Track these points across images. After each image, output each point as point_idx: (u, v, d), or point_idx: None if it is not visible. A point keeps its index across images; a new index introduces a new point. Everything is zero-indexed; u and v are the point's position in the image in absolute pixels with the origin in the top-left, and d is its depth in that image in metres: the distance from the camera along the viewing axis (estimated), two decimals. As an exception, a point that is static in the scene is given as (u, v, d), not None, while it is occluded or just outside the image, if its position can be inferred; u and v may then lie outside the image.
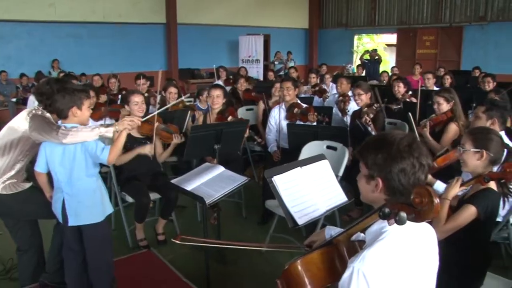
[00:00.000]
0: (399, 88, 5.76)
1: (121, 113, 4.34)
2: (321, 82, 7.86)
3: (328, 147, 3.72)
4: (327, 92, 6.78)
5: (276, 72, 12.00)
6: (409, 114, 3.87)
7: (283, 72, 12.72)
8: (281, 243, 3.52)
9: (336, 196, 2.33)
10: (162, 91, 5.44)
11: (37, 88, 2.85)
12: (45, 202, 2.79)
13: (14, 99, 9.74)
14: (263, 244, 3.27)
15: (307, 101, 5.43)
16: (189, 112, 4.64)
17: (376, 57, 12.56)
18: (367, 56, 12.74)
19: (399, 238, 1.31)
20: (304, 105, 4.61)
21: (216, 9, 13.57)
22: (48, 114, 2.72)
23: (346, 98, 5.28)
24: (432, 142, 3.89)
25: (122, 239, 3.79)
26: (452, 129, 3.90)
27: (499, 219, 2.87)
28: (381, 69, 12.04)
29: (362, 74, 10.98)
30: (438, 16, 13.29)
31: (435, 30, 13.53)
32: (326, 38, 16.48)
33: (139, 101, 3.73)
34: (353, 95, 4.74)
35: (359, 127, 4.37)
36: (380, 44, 18.03)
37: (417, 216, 1.21)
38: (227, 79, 8.76)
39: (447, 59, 13.00)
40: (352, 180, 1.61)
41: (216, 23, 13.70)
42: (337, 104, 5.42)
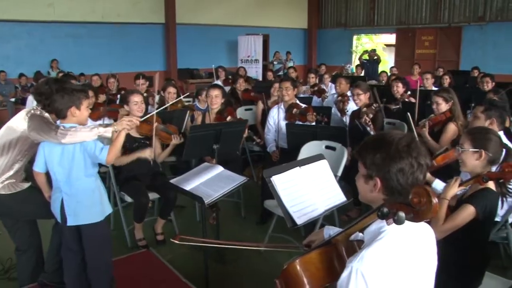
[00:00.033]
0: (398, 88, 5.78)
1: (120, 113, 4.34)
2: (320, 82, 7.87)
3: (327, 147, 3.72)
4: (326, 92, 6.79)
5: (275, 72, 11.99)
6: (408, 114, 3.87)
7: (282, 72, 12.73)
8: (280, 243, 3.53)
9: (335, 196, 2.32)
10: (161, 91, 5.44)
11: (36, 88, 2.85)
12: (44, 202, 2.79)
13: (13, 99, 9.73)
14: (262, 244, 3.26)
15: (306, 101, 5.43)
16: (188, 112, 4.64)
17: (375, 57, 12.58)
18: (366, 56, 12.77)
19: (398, 238, 1.31)
20: (303, 105, 4.61)
21: (215, 9, 13.57)
22: (47, 114, 2.71)
23: (345, 98, 5.27)
24: (431, 142, 3.89)
25: (121, 239, 3.79)
26: (451, 129, 3.90)
27: (498, 219, 2.87)
28: (380, 69, 12.07)
29: (361, 74, 11.01)
30: (437, 16, 13.30)
31: (434, 30, 13.54)
32: (325, 38, 16.48)
33: (139, 101, 3.73)
34: (352, 95, 4.74)
35: (358, 127, 4.37)
36: (379, 44, 18.07)
37: (416, 216, 1.21)
38: (226, 79, 8.75)
39: (446, 59, 13.01)
40: (351, 180, 1.61)
41: (215, 23, 13.69)
42: (336, 104, 5.42)
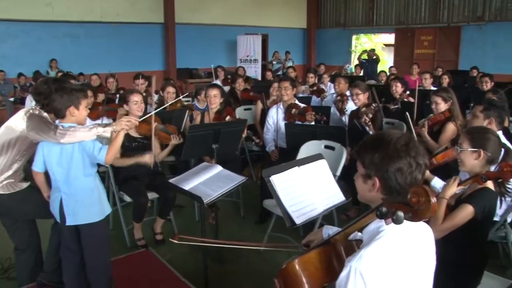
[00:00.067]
0: (397, 88, 5.78)
1: (119, 113, 4.34)
2: (319, 82, 7.87)
3: (326, 147, 3.72)
4: (325, 92, 6.79)
5: (274, 72, 11.98)
6: (407, 114, 3.88)
7: (281, 72, 12.72)
8: (279, 243, 3.53)
9: (334, 196, 2.32)
10: (160, 91, 5.44)
11: (35, 88, 2.85)
12: (43, 202, 2.79)
13: (12, 99, 9.73)
14: (261, 244, 3.26)
15: (305, 101, 5.43)
16: (187, 112, 4.64)
17: (374, 57, 12.58)
18: (365, 56, 12.77)
19: (396, 238, 1.31)
20: (302, 105, 4.61)
21: (214, 9, 13.57)
22: (46, 114, 2.71)
23: (344, 98, 5.27)
24: (431, 142, 3.89)
25: (120, 239, 3.78)
26: (450, 129, 3.91)
27: (496, 219, 2.88)
28: (379, 69, 12.08)
29: (360, 74, 11.00)
30: (436, 16, 13.31)
31: (433, 30, 13.55)
32: (324, 38, 16.48)
33: (138, 100, 3.73)
34: (351, 95, 4.75)
35: (357, 127, 4.38)
36: (378, 44, 18.08)
37: (414, 216, 1.21)
38: (225, 79, 8.74)
39: (445, 59, 13.02)
40: (350, 180, 1.61)
41: (214, 23, 13.68)
42: (335, 104, 5.42)
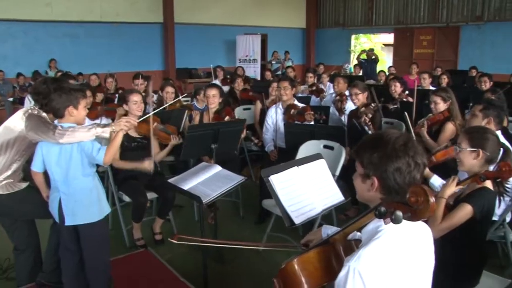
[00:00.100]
0: (396, 88, 5.78)
1: (117, 113, 4.33)
2: (318, 82, 7.87)
3: (325, 147, 3.72)
4: (324, 92, 6.79)
5: (274, 72, 11.98)
6: (406, 114, 3.88)
7: (281, 72, 12.71)
8: (278, 242, 3.53)
9: (333, 195, 2.32)
10: (159, 91, 5.44)
11: (34, 88, 2.84)
12: (42, 202, 2.79)
13: (11, 99, 9.72)
14: (260, 244, 3.27)
15: (305, 101, 5.43)
16: (186, 112, 4.64)
17: (373, 57, 12.58)
18: (364, 56, 12.77)
19: (395, 237, 1.31)
20: (301, 105, 4.61)
21: (214, 9, 13.56)
22: (44, 114, 2.71)
23: (343, 98, 5.27)
24: (430, 142, 3.90)
25: (119, 239, 3.78)
26: (449, 129, 3.91)
27: (495, 218, 2.88)
28: (378, 69, 12.10)
29: (359, 74, 11.00)
30: (435, 16, 13.32)
31: (432, 30, 13.56)
32: (324, 38, 16.48)
33: (138, 100, 3.73)
34: (350, 95, 4.74)
35: (356, 127, 4.38)
36: (377, 44, 18.08)
37: (413, 215, 1.22)
38: (225, 79, 8.74)
39: (444, 59, 13.03)
40: (349, 179, 1.61)
41: (214, 23, 13.68)
42: (334, 104, 5.42)
